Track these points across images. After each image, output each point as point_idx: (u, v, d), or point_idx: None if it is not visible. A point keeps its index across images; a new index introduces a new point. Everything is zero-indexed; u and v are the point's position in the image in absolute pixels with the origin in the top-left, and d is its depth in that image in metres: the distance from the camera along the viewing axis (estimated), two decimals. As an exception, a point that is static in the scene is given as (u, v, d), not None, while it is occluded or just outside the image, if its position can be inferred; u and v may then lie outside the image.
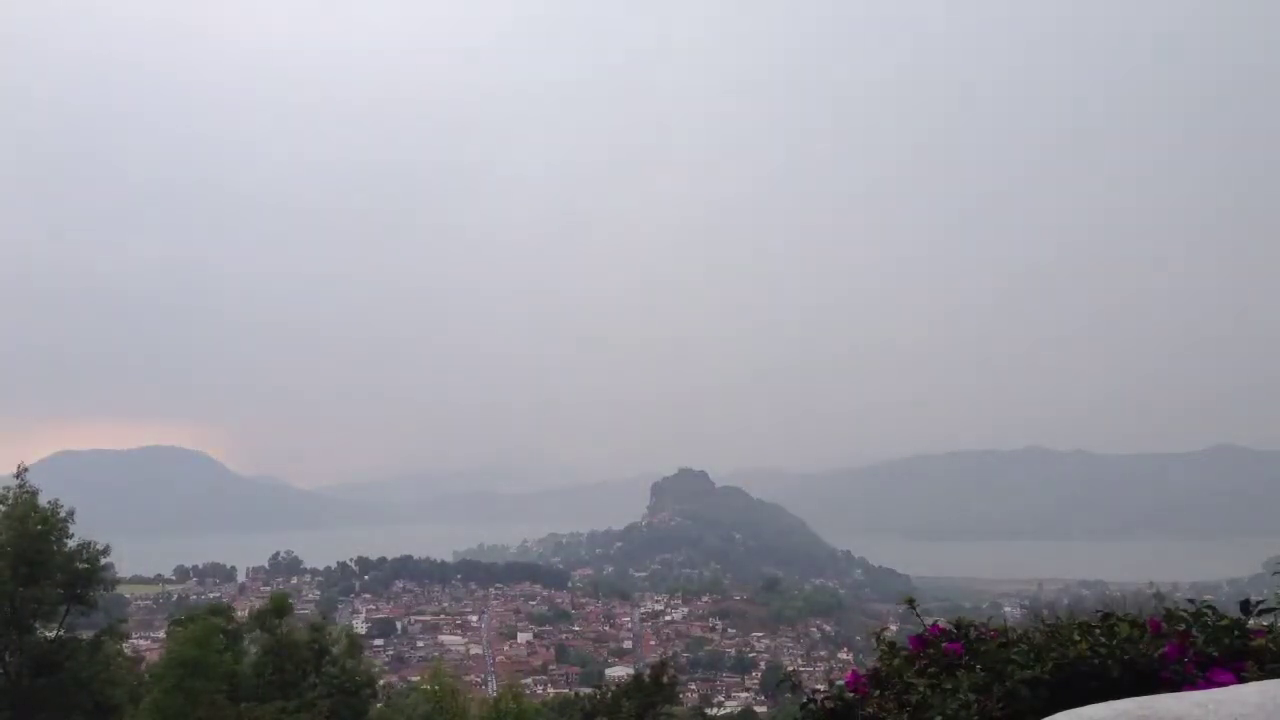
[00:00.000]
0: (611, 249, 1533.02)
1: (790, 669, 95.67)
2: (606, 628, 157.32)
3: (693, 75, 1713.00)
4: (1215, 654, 4.35)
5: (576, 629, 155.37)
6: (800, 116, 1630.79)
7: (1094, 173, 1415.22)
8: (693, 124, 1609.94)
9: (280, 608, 32.70)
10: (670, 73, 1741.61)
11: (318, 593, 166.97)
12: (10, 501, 26.76)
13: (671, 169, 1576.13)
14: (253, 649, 31.94)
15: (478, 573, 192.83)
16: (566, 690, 65.65)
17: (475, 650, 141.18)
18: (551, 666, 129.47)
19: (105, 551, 27.97)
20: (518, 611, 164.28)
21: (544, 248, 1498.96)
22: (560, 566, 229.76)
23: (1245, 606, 4.63)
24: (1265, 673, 4.06)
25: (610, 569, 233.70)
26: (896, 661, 5.36)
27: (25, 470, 27.72)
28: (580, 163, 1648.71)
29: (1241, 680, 3.89)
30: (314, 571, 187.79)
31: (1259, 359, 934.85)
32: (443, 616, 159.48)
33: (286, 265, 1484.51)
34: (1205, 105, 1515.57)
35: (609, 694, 28.45)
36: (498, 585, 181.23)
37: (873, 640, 5.96)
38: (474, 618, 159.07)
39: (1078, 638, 4.63)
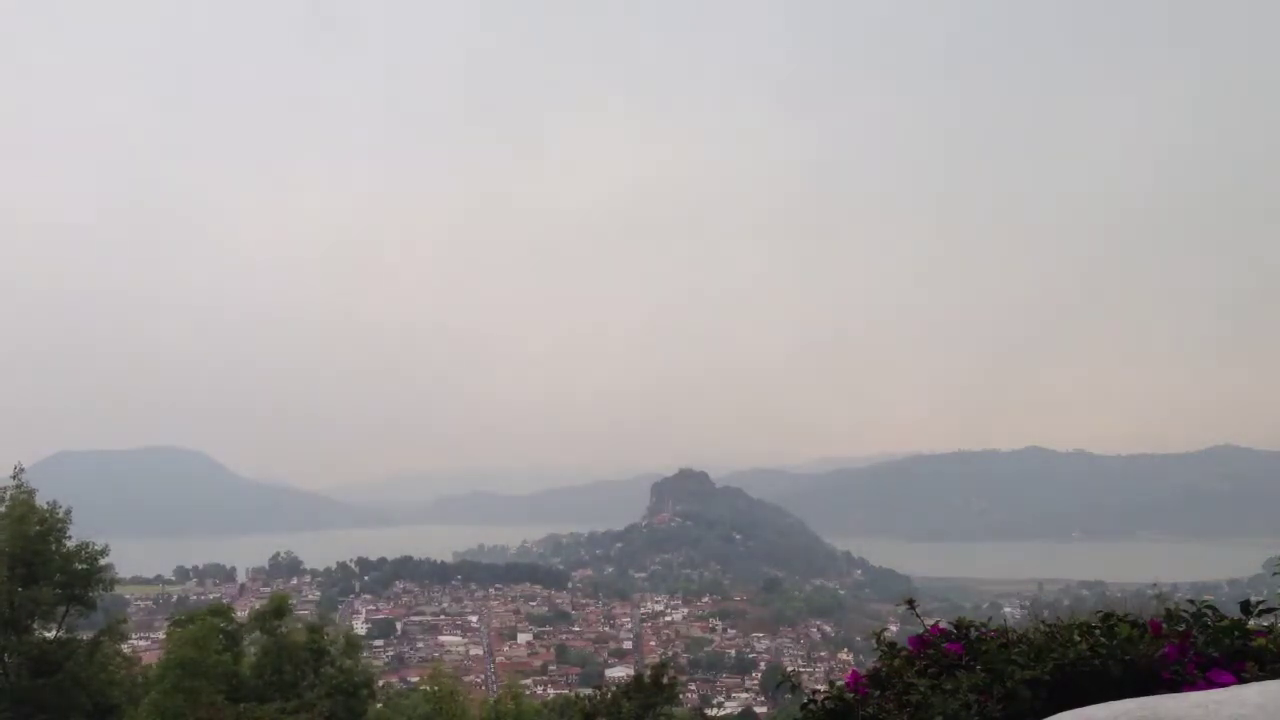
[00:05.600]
0: (610, 247, 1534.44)
1: (790, 670, 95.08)
2: (606, 628, 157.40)
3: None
4: (1216, 654, 4.35)
5: (576, 629, 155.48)
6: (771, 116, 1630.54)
7: (1093, 170, 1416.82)
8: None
9: (280, 608, 32.69)
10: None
11: (318, 593, 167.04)
12: (8, 502, 26.67)
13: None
14: (252, 650, 31.91)
15: (477, 573, 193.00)
16: (566, 691, 65.57)
17: (475, 651, 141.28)
18: (551, 667, 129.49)
19: (104, 552, 27.89)
20: (517, 612, 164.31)
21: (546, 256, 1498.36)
22: (560, 567, 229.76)
23: (1245, 607, 4.63)
24: (1266, 673, 4.06)
25: (610, 569, 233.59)
26: (897, 662, 5.35)
27: (22, 470, 27.58)
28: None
29: (1242, 681, 3.89)
30: (314, 572, 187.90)
31: (1259, 360, 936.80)
32: (442, 617, 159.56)
33: (282, 267, 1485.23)
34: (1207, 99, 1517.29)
35: (609, 694, 28.37)
36: (497, 586, 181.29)
37: (873, 641, 5.96)
38: (474, 618, 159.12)
39: (1078, 638, 4.63)
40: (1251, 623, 4.53)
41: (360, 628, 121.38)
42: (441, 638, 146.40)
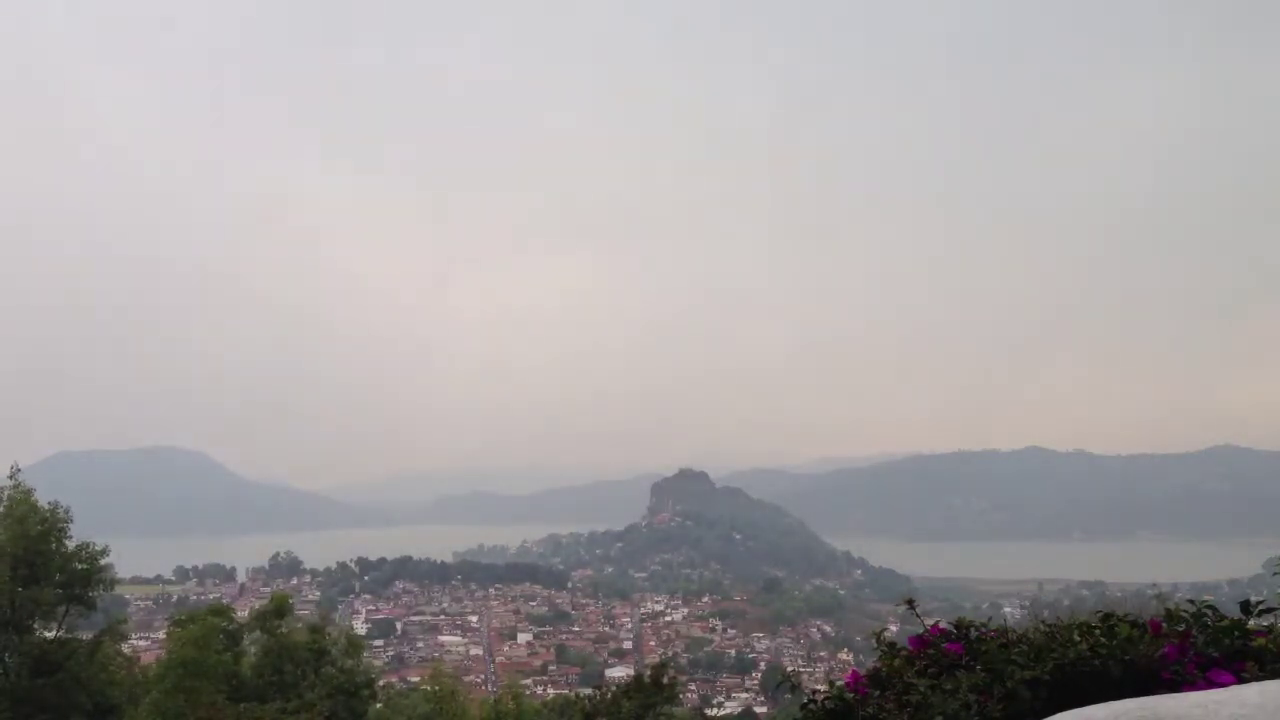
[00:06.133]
0: (610, 247, 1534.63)
1: (790, 670, 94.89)
2: (606, 628, 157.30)
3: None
4: (1216, 654, 4.35)
5: (576, 629, 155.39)
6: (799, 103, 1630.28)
7: (1093, 170, 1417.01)
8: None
9: (281, 608, 32.71)
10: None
11: (318, 593, 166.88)
12: (8, 502, 26.65)
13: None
14: (252, 650, 31.91)
15: (477, 573, 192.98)
16: (566, 691, 65.53)
17: (475, 651, 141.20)
18: (551, 667, 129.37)
19: (104, 552, 27.85)
20: (517, 612, 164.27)
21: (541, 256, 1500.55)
22: (560, 567, 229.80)
23: (1245, 607, 4.63)
24: (1265, 673, 4.07)
25: (610, 569, 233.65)
26: (897, 662, 5.35)
27: (19, 470, 27.50)
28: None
29: (1241, 681, 3.89)
30: (314, 572, 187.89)
31: (1259, 360, 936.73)
32: (442, 617, 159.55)
33: (283, 267, 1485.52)
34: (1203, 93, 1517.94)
35: (609, 694, 28.36)
36: (497, 586, 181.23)
37: (873, 641, 5.96)
38: (474, 618, 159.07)
39: (1078, 638, 4.63)
40: (1251, 623, 4.53)
41: (360, 628, 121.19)
42: (441, 638, 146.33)
